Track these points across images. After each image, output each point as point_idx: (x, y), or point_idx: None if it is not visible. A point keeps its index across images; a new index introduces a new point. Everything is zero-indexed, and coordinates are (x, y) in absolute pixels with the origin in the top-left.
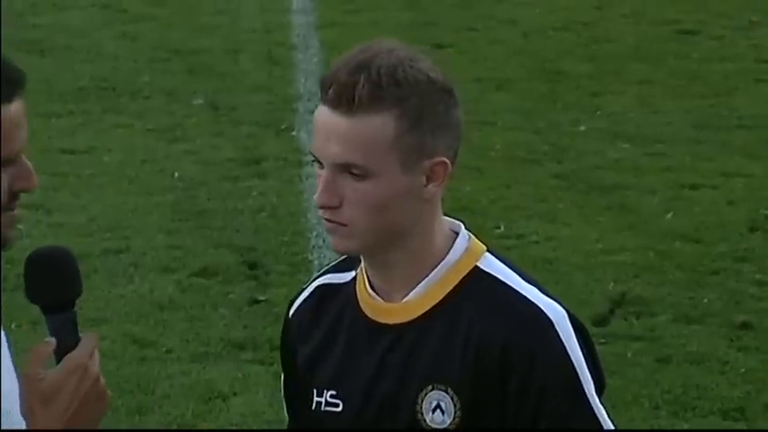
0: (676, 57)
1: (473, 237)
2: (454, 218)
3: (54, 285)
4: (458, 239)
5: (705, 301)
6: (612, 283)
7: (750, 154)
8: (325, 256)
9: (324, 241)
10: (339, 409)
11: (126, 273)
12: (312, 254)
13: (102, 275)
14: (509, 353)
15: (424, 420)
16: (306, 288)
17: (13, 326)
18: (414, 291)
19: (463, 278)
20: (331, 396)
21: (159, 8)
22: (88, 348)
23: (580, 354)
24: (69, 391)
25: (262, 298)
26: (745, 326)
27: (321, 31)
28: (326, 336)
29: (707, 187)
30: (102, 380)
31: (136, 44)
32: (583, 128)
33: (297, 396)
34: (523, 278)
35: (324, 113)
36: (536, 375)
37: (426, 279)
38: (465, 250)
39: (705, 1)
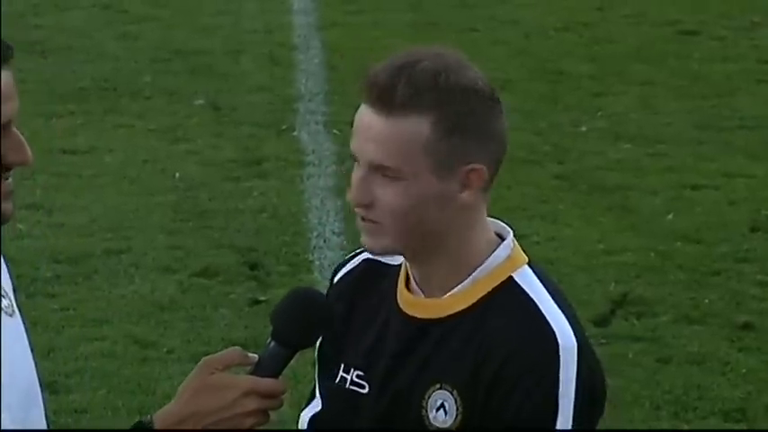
0: (678, 57)
1: (517, 246)
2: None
3: (303, 328)
4: (500, 247)
5: (706, 301)
6: (613, 284)
7: (752, 154)
8: (325, 257)
9: (324, 242)
10: (365, 391)
11: (127, 273)
12: (313, 254)
13: (103, 276)
14: (507, 364)
15: (428, 417)
16: (354, 258)
17: None
18: (449, 292)
19: (496, 287)
20: (357, 376)
21: (160, 9)
22: (272, 388)
23: (572, 390)
24: (223, 400)
25: (262, 298)
26: (746, 326)
27: (322, 32)
28: (366, 314)
29: (708, 188)
30: (251, 420)
31: (137, 45)
32: (584, 128)
33: (327, 364)
34: (555, 298)
35: (363, 112)
36: (519, 392)
37: (463, 282)
38: (505, 259)
39: (706, 1)
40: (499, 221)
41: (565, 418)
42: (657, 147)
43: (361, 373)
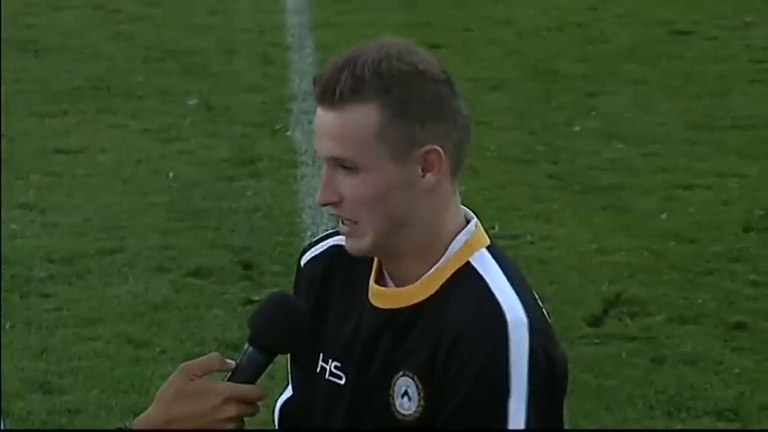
0: (671, 57)
1: (479, 230)
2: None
3: (281, 333)
4: (461, 232)
5: (699, 301)
6: (607, 284)
7: (744, 154)
8: None
9: None
10: (342, 381)
11: (120, 273)
12: None
13: (97, 275)
14: (456, 344)
15: (395, 405)
16: (321, 242)
17: (7, 326)
18: (417, 280)
19: (455, 272)
20: (335, 367)
21: (153, 8)
22: (251, 395)
23: (524, 368)
24: (203, 406)
25: (256, 298)
26: (739, 326)
27: (316, 32)
28: (342, 303)
29: (701, 187)
30: (230, 426)
31: (130, 44)
32: (577, 128)
33: (304, 355)
34: (509, 279)
35: (317, 113)
36: (470, 371)
37: (429, 270)
38: (463, 244)
39: (699, 1)
40: (465, 208)
41: (518, 397)
42: (651, 146)
43: (338, 364)
